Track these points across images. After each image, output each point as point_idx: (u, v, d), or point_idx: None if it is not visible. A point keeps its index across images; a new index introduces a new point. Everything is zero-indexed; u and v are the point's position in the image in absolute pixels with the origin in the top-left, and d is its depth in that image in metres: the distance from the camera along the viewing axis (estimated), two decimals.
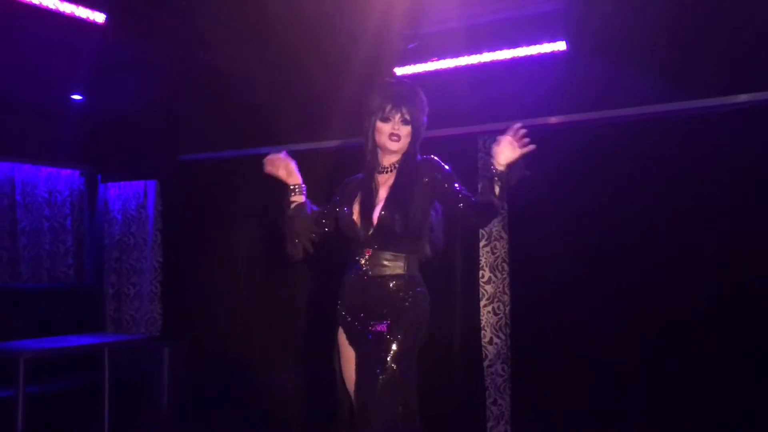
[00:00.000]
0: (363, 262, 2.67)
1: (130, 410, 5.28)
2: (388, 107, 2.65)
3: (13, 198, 5.67)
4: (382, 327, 2.60)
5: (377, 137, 2.69)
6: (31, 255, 5.77)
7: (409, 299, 2.64)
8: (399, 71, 4.22)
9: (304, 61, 4.24)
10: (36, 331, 5.02)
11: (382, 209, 2.63)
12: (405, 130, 2.66)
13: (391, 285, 2.64)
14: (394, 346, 2.55)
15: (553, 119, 4.31)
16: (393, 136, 2.65)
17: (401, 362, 2.53)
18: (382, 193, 2.69)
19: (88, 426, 4.83)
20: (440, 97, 4.50)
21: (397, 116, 2.65)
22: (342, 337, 2.76)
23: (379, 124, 2.66)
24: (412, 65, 4.18)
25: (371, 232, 2.64)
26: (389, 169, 2.74)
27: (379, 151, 2.74)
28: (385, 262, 2.65)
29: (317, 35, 3.82)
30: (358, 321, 2.67)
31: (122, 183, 5.99)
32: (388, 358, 2.52)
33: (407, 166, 2.70)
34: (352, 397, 2.66)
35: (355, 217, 2.69)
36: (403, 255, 2.65)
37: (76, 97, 5.07)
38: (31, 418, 4.27)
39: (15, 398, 4.19)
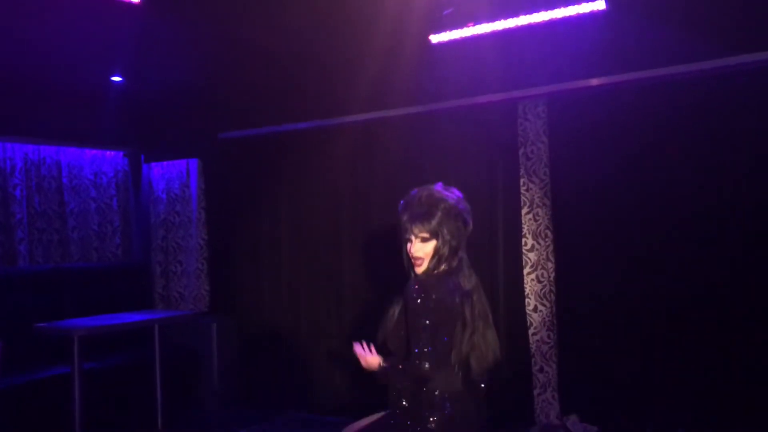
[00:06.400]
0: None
1: (182, 383, 5.41)
2: (407, 230, 2.65)
3: (60, 181, 5.80)
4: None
5: (409, 254, 2.70)
6: (79, 236, 5.90)
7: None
8: (435, 38, 4.16)
9: (335, 36, 4.21)
10: (88, 309, 5.15)
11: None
12: (425, 249, 2.63)
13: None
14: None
15: (595, 81, 4.22)
16: (416, 260, 2.66)
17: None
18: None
19: (143, 399, 4.97)
20: (478, 63, 4.48)
21: (414, 239, 2.64)
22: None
23: (408, 244, 2.68)
24: (448, 31, 4.12)
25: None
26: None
27: None
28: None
29: (348, 5, 3.78)
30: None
31: (165, 162, 6.08)
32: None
33: (414, 283, 2.64)
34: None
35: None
36: None
37: (116, 78, 5.13)
38: (88, 393, 4.41)
39: (71, 374, 4.33)
